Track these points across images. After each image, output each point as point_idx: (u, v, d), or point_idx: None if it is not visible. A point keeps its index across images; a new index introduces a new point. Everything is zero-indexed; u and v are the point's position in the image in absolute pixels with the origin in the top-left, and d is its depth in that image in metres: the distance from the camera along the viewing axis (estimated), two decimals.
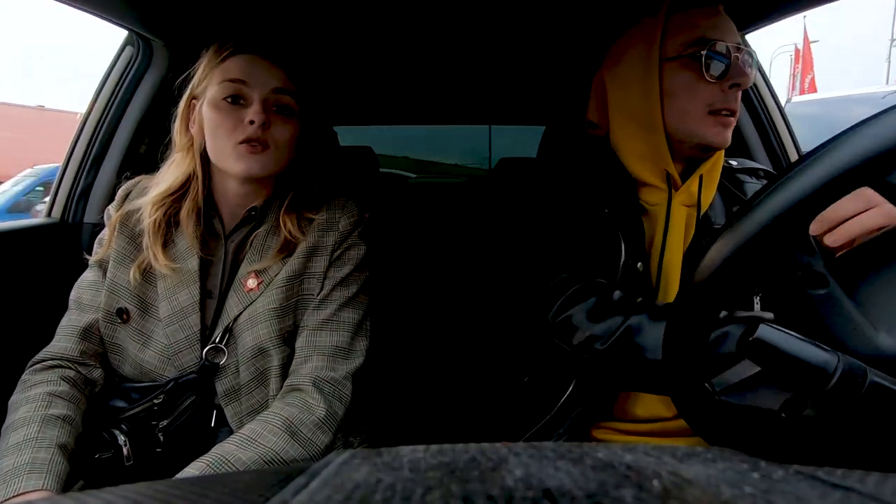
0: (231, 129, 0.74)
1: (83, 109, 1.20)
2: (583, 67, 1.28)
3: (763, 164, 1.23)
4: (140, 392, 0.77)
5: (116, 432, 0.74)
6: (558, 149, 0.93)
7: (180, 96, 0.81)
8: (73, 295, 0.81)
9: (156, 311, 0.77)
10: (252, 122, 0.73)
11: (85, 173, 1.17)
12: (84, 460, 0.72)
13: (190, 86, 0.80)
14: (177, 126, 0.81)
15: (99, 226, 1.16)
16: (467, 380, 0.89)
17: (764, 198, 0.37)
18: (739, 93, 0.73)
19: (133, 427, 0.75)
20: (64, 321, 0.80)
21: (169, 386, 0.75)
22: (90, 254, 0.83)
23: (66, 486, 0.67)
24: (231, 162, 0.75)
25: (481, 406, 0.85)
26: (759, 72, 1.23)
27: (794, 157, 1.23)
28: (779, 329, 0.40)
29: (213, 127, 0.76)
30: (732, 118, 0.74)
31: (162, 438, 0.75)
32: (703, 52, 0.71)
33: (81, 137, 1.18)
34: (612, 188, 0.78)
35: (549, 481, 0.15)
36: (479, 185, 2.09)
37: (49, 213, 1.19)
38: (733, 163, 0.88)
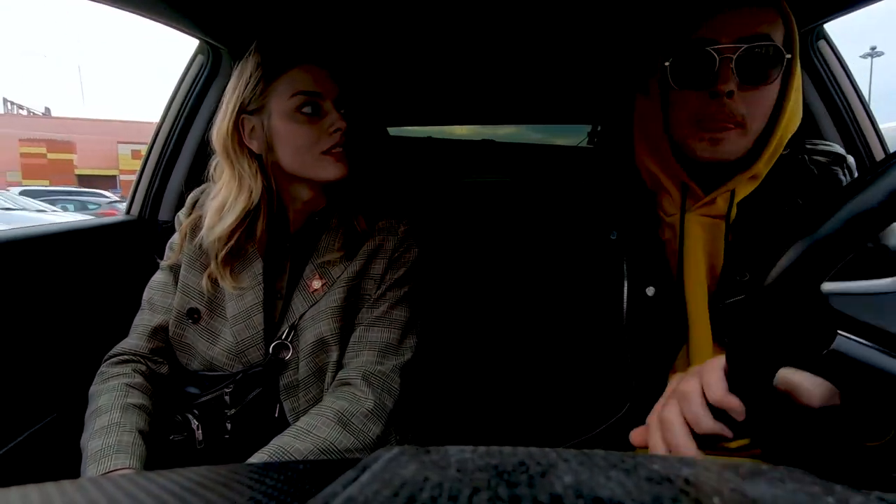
0: (315, 140, 0.77)
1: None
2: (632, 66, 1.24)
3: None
4: (212, 381, 0.82)
5: (190, 416, 0.80)
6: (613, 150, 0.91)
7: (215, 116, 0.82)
8: (145, 295, 0.87)
9: (223, 310, 0.82)
10: (337, 131, 0.77)
11: (160, 175, 1.27)
12: (158, 441, 0.78)
13: (236, 101, 0.78)
14: (227, 145, 0.79)
15: (170, 223, 1.25)
16: (515, 383, 0.88)
17: (843, 201, 0.34)
18: (741, 98, 0.62)
19: (204, 413, 0.80)
20: (137, 319, 0.86)
21: (238, 377, 0.80)
22: (162, 250, 0.89)
23: (144, 467, 0.73)
24: (318, 170, 0.78)
25: (527, 411, 0.84)
26: (839, 61, 1.14)
27: (878, 153, 1.13)
28: (860, 341, 0.37)
29: (292, 139, 0.77)
30: (727, 131, 0.64)
31: (230, 426, 0.80)
32: (667, 63, 0.63)
33: (157, 142, 1.27)
34: (628, 202, 0.74)
35: (601, 490, 0.15)
36: (533, 184, 2.06)
37: (128, 211, 1.29)
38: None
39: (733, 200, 0.69)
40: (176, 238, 0.87)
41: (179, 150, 1.26)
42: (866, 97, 1.14)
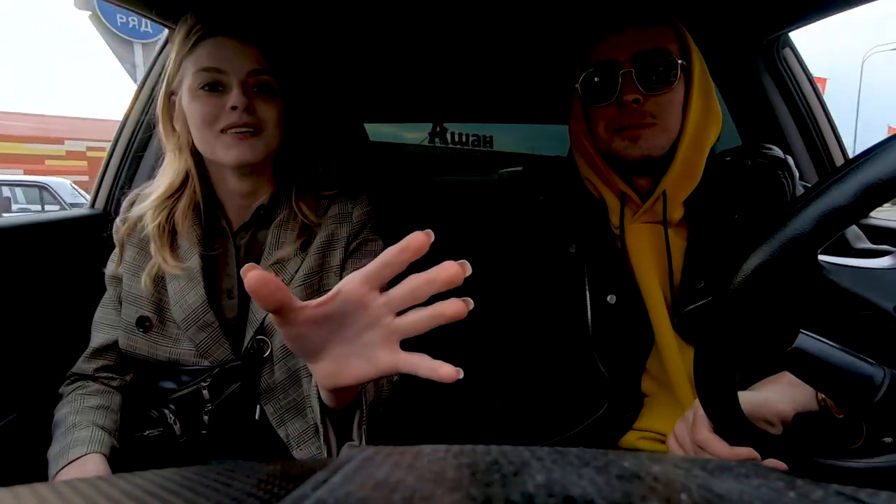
0: (214, 118, 0.72)
1: None
2: None
3: (805, 167, 1.18)
4: (189, 374, 0.79)
5: (166, 411, 0.77)
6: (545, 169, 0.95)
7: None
8: (94, 316, 0.83)
9: (171, 315, 0.78)
10: (234, 108, 0.71)
11: (126, 167, 1.22)
12: (133, 436, 0.77)
13: (165, 81, 0.77)
14: (161, 127, 0.78)
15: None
16: (492, 383, 0.89)
17: (806, 203, 0.35)
18: (649, 103, 0.70)
19: (181, 408, 0.77)
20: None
21: (216, 371, 0.77)
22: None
23: (114, 461, 0.71)
24: (221, 151, 0.73)
25: (505, 412, 0.84)
26: (802, 68, 1.18)
27: (837, 155, 1.17)
28: (820, 339, 0.38)
29: (195, 118, 0.73)
30: (642, 129, 0.71)
31: (207, 421, 0.77)
32: (577, 84, 0.74)
33: (124, 132, 1.23)
34: (583, 216, 0.79)
35: (572, 489, 0.15)
36: (508, 185, 2.08)
37: (93, 205, 1.24)
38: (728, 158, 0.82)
39: (665, 202, 0.74)
40: (115, 253, 0.83)
41: (148, 140, 1.22)
42: None
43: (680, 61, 0.70)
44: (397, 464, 0.18)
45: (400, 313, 0.39)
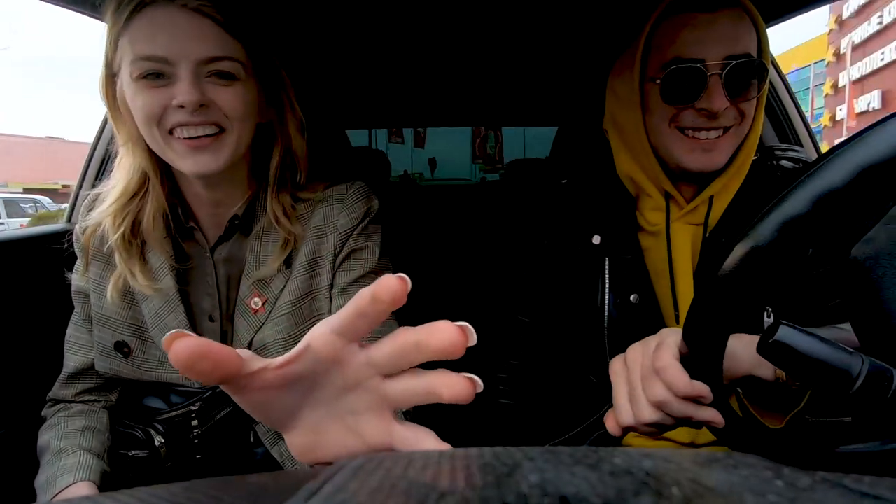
0: (159, 114, 0.58)
1: None
2: (598, 68, 1.26)
3: None
4: (180, 396, 0.75)
5: (152, 432, 0.73)
6: (569, 153, 0.92)
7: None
8: (66, 335, 0.78)
9: (151, 337, 0.71)
10: (182, 107, 0.56)
11: (102, 179, 1.20)
12: (119, 457, 0.74)
13: (104, 62, 0.62)
14: (109, 114, 0.64)
15: None
16: (496, 384, 0.88)
17: (780, 199, 0.36)
18: (730, 109, 0.66)
19: (169, 429, 0.74)
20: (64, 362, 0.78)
21: (206, 394, 0.73)
22: None
23: (104, 482, 0.69)
24: (174, 158, 0.60)
25: (498, 415, 0.84)
26: (775, 67, 1.21)
27: (811, 150, 1.21)
28: (800, 330, 0.39)
29: (138, 115, 0.59)
30: (719, 140, 0.67)
31: (198, 444, 0.74)
32: (658, 80, 0.66)
33: (100, 144, 1.20)
34: (609, 208, 0.76)
35: (566, 488, 0.15)
36: (490, 188, 2.09)
37: (69, 219, 1.21)
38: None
39: (711, 206, 0.72)
40: (79, 263, 0.74)
41: None
42: None
43: (770, 70, 0.67)
44: (389, 471, 0.18)
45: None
